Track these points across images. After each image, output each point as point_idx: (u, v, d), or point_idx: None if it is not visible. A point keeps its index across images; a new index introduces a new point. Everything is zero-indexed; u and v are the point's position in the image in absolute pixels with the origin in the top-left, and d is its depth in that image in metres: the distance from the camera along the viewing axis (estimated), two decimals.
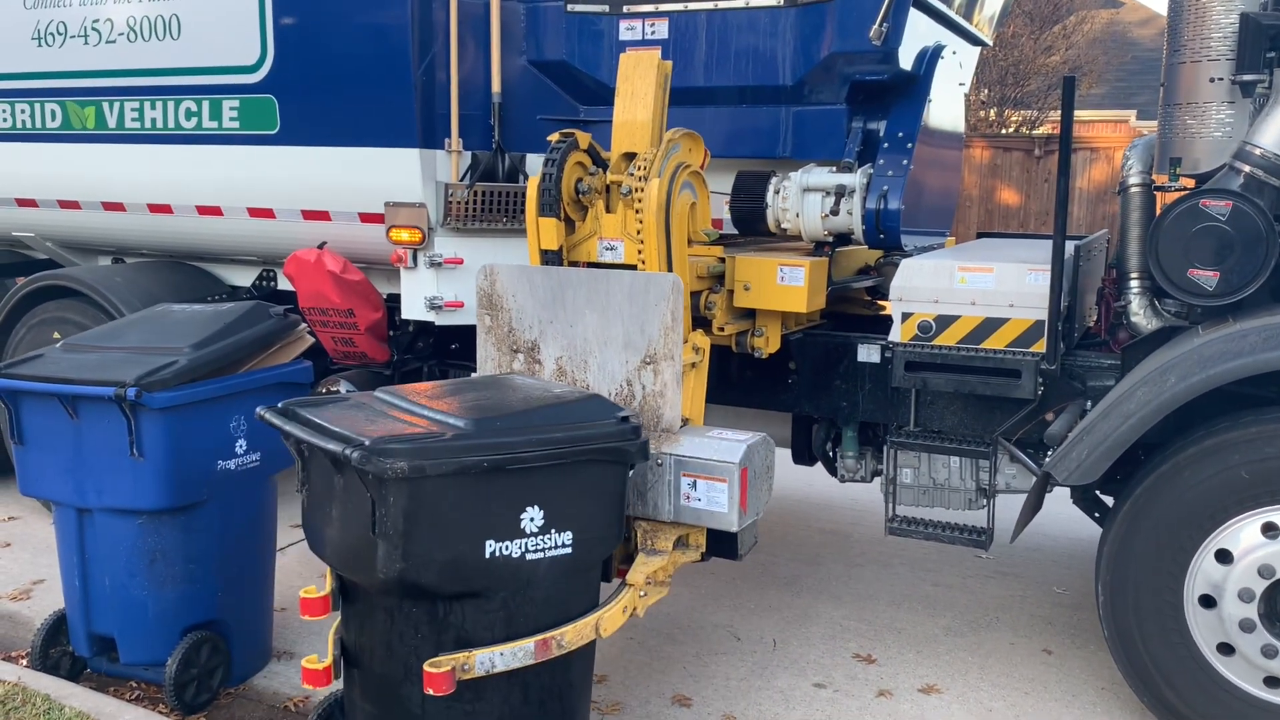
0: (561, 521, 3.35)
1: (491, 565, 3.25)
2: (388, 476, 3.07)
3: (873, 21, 4.73)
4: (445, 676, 3.18)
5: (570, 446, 3.35)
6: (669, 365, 3.98)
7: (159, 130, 5.98)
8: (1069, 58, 14.22)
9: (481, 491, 3.21)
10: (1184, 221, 3.93)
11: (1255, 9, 3.91)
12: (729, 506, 3.83)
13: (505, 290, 4.26)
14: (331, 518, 3.41)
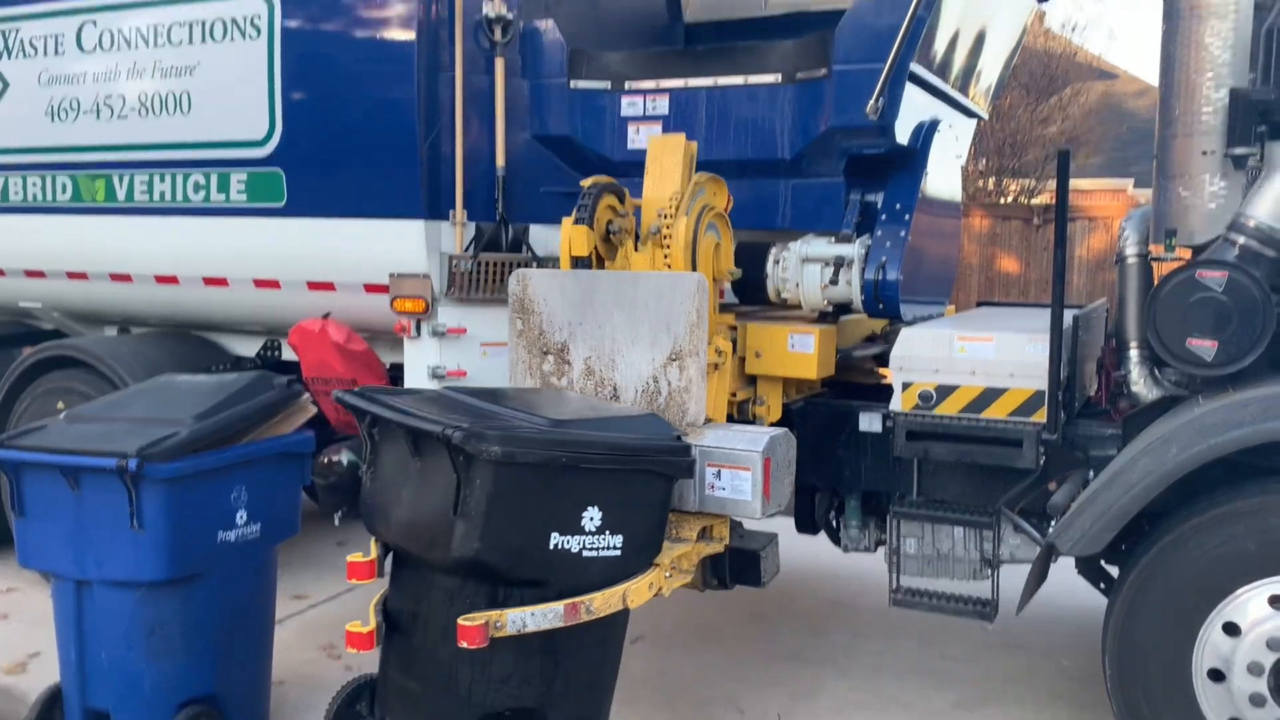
0: (615, 525, 3.58)
1: (553, 557, 3.48)
2: (482, 458, 3.31)
3: (869, 97, 4.82)
4: (479, 630, 3.34)
5: (633, 455, 3.63)
6: (694, 361, 4.14)
7: (167, 203, 6.07)
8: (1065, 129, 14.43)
9: (555, 485, 3.47)
10: (1181, 292, 3.96)
11: (1243, 84, 3.98)
12: (753, 494, 3.97)
13: (537, 294, 4.46)
14: (401, 499, 3.63)
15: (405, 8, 5.39)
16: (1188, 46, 4.06)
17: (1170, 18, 4.15)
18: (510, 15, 5.45)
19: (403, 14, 5.40)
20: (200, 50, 5.86)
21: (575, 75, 5.52)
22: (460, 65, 5.41)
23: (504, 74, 5.49)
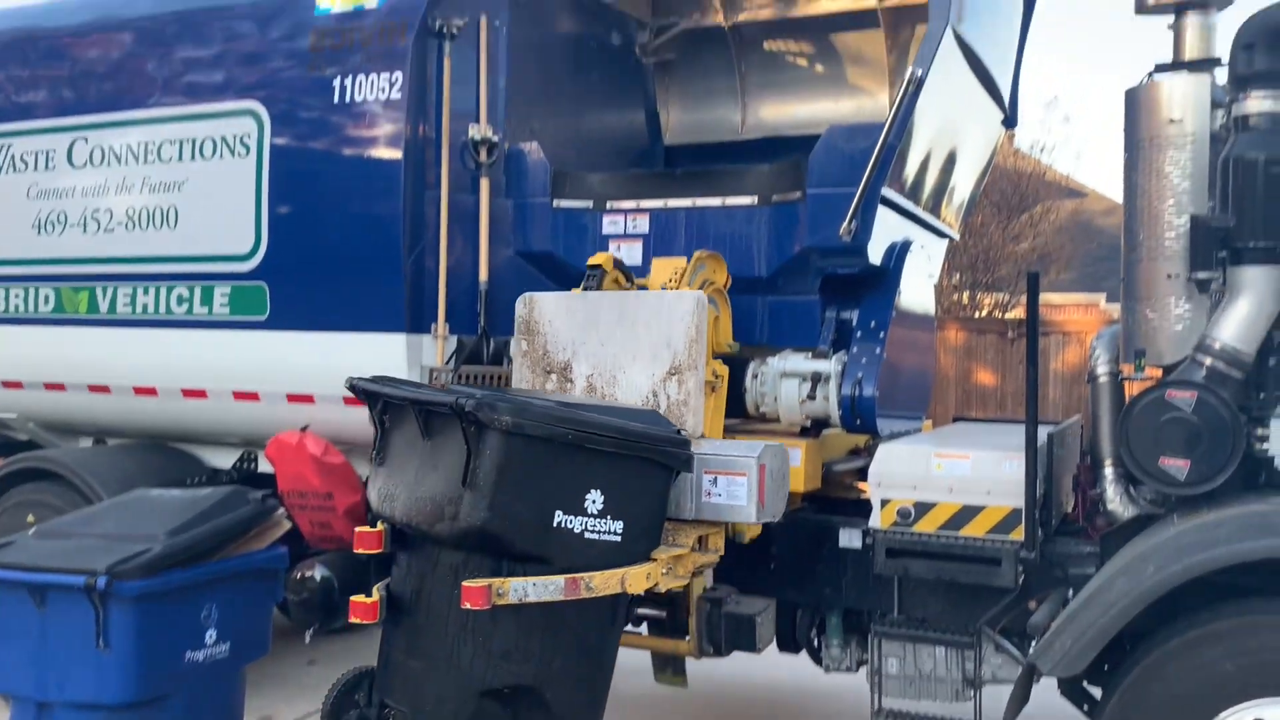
0: (616, 510, 3.70)
1: (556, 535, 3.59)
2: (493, 427, 3.45)
3: (843, 220, 4.95)
4: (482, 591, 3.41)
5: (636, 440, 3.76)
6: (692, 375, 4.27)
7: (150, 315, 6.10)
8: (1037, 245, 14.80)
9: (560, 462, 3.60)
10: (1152, 412, 4.02)
11: (1203, 211, 4.12)
12: (748, 499, 4.08)
13: (542, 316, 4.63)
14: (410, 479, 3.74)
15: (393, 128, 5.53)
16: (1149, 175, 4.22)
17: (1131, 148, 4.32)
18: (495, 138, 5.60)
19: (390, 133, 5.54)
20: (189, 167, 5.99)
21: (558, 195, 5.65)
22: (446, 184, 5.54)
23: (488, 193, 5.61)
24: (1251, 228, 4.00)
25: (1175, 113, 4.18)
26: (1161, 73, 4.36)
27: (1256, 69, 4.06)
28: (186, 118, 6.01)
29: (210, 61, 6.03)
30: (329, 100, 5.66)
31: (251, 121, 5.82)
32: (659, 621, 4.85)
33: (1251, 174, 4.01)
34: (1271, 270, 4.02)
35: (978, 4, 5.46)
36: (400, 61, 5.48)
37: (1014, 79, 6.60)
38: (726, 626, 4.47)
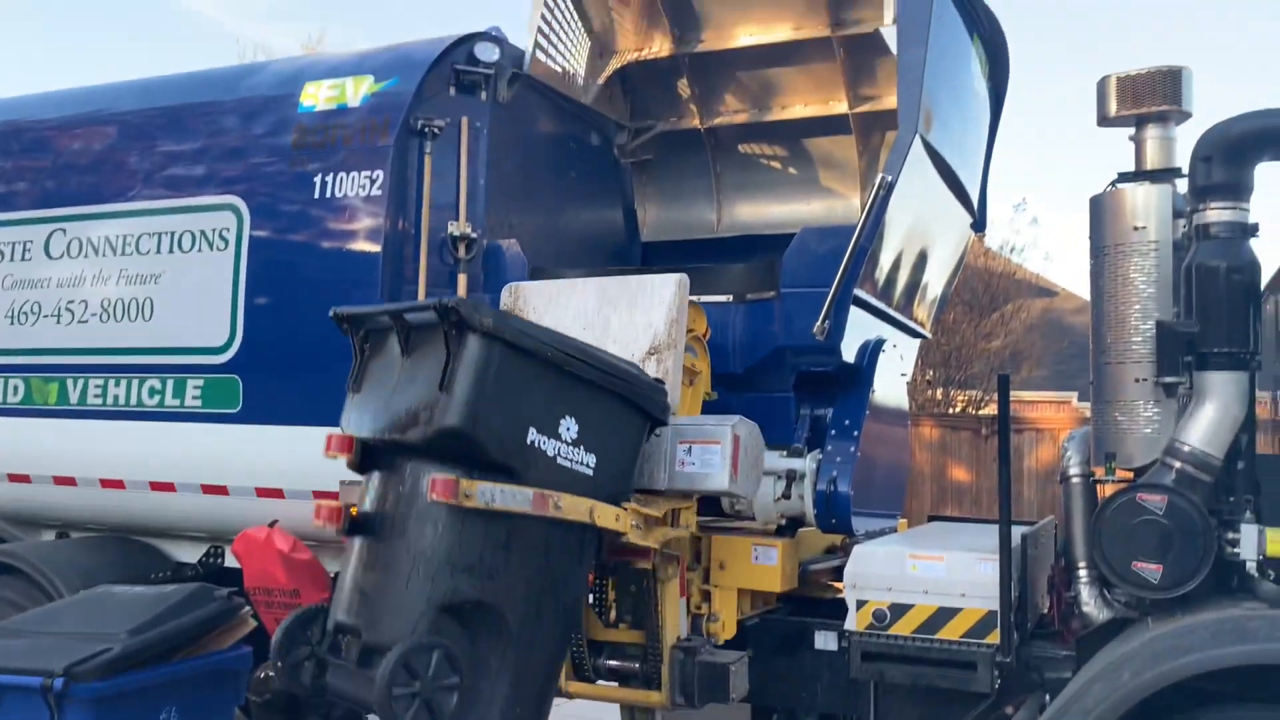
0: (590, 443, 3.78)
1: (528, 451, 3.64)
2: (475, 327, 3.52)
3: (816, 318, 5.01)
4: (450, 484, 3.43)
5: (615, 376, 3.86)
6: (671, 354, 4.31)
7: (120, 407, 6.05)
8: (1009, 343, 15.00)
9: (539, 379, 3.67)
10: (1123, 515, 4.03)
11: (1169, 316, 4.20)
12: (721, 466, 4.16)
13: (527, 304, 4.71)
14: (387, 394, 3.77)
15: (373, 223, 5.59)
16: (1115, 280, 4.30)
17: (1097, 253, 4.41)
18: (474, 234, 5.66)
19: (370, 228, 5.60)
20: (167, 259, 6.00)
21: None
22: (423, 279, 5.57)
23: (465, 288, 5.65)
24: (1215, 334, 4.08)
25: (1139, 220, 4.29)
26: (1124, 181, 4.49)
27: (1214, 180, 4.18)
28: (166, 211, 6.05)
29: (192, 156, 6.10)
30: (310, 195, 5.73)
31: (231, 216, 5.87)
32: (630, 673, 4.75)
33: (1213, 281, 4.10)
34: (1236, 375, 4.08)
35: (945, 112, 5.63)
36: (382, 159, 5.57)
37: (982, 184, 6.76)
38: (700, 676, 4.41)
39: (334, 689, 3.83)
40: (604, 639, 4.78)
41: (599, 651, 4.77)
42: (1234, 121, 4.23)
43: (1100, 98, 4.55)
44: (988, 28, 6.24)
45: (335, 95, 5.82)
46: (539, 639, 3.86)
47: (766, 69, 6.83)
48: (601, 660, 4.77)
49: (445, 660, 3.50)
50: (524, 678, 3.81)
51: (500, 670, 3.72)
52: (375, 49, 6.24)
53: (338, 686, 3.82)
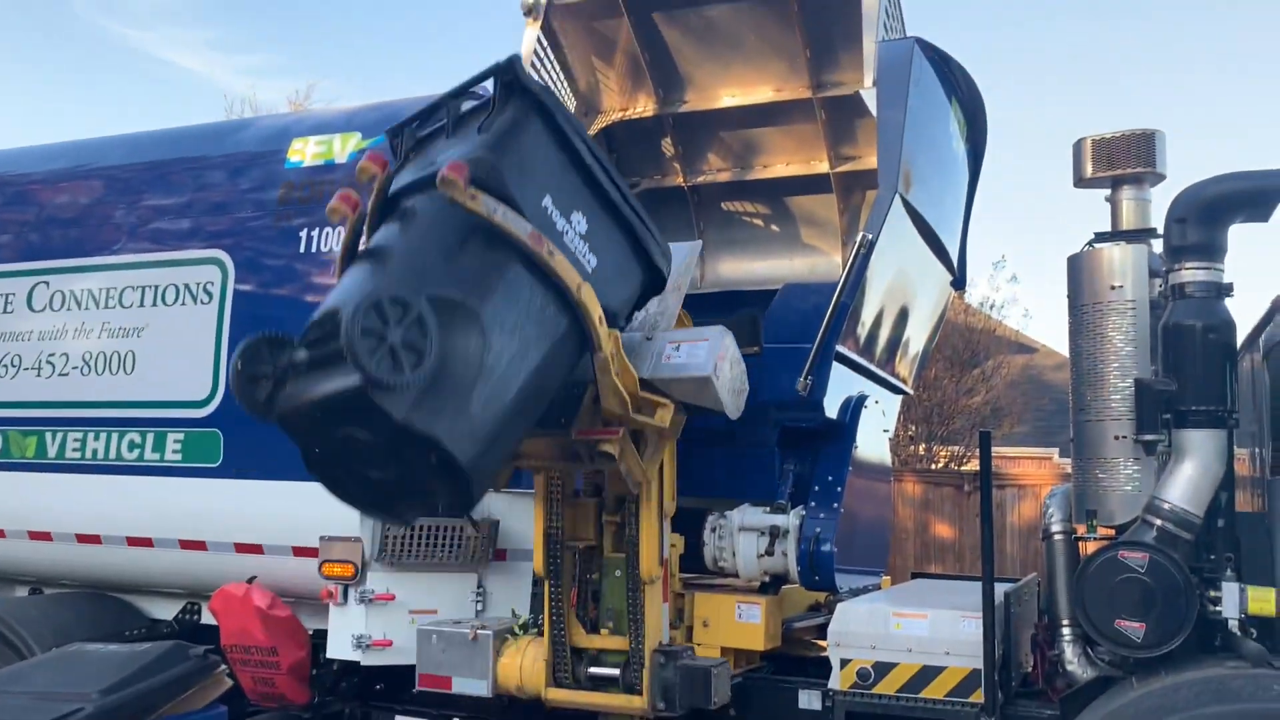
0: (594, 245, 3.98)
1: (542, 213, 3.83)
2: (529, 87, 3.78)
3: (799, 373, 5.04)
4: (461, 169, 3.56)
5: (632, 207, 4.10)
6: (675, 296, 4.64)
7: (99, 460, 5.99)
8: (990, 399, 15.09)
9: (567, 167, 3.90)
10: (1106, 572, 4.04)
11: (1147, 374, 4.24)
12: (706, 358, 4.31)
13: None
14: (427, 161, 3.89)
15: None
16: (1093, 338, 4.36)
17: (1075, 312, 4.47)
18: None
19: None
20: (150, 312, 5.99)
21: None
22: None
23: None
24: (1193, 392, 4.12)
25: (1116, 280, 4.35)
26: (1101, 241, 4.57)
27: (1189, 241, 4.26)
28: (151, 264, 6.05)
29: (178, 210, 6.13)
30: (295, 250, 5.75)
31: (216, 269, 5.88)
32: (611, 680, 4.71)
33: (1190, 340, 4.16)
34: (1214, 433, 4.12)
35: (925, 173, 5.72)
36: None
37: (962, 243, 6.85)
38: (681, 680, 4.39)
39: (290, 395, 3.70)
40: (585, 646, 4.76)
41: (580, 658, 4.76)
42: (1207, 184, 4.32)
43: (1076, 160, 4.65)
44: (965, 91, 6.36)
45: (322, 151, 5.87)
46: (507, 381, 3.74)
47: (749, 129, 6.93)
48: (582, 668, 4.75)
49: (418, 322, 3.41)
50: (487, 404, 3.68)
51: (463, 384, 3.60)
52: (363, 106, 6.31)
53: (294, 392, 3.68)
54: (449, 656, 4.90)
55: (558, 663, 4.73)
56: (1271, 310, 4.40)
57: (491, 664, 4.82)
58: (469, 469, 3.61)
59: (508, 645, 4.89)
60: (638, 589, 4.61)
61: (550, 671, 4.72)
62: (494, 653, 4.84)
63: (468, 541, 5.52)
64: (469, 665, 4.86)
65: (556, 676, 4.73)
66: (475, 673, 4.84)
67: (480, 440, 3.68)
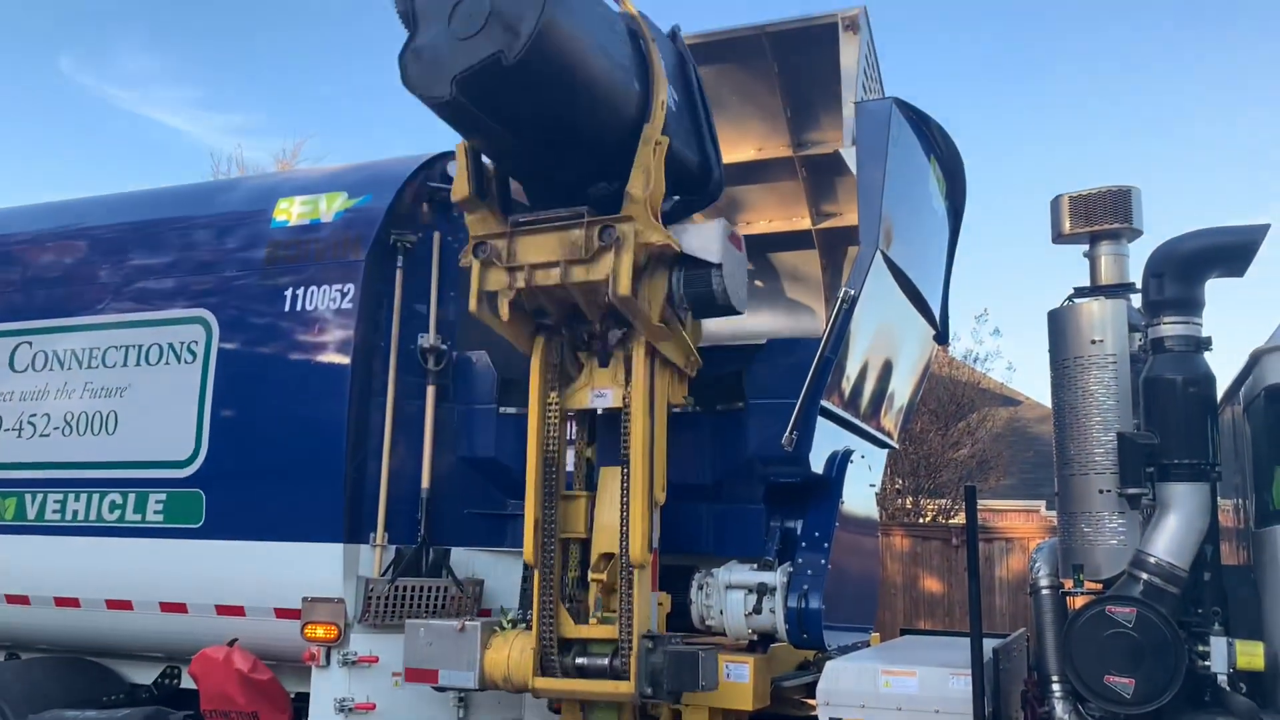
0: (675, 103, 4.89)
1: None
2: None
3: (784, 428, 5.04)
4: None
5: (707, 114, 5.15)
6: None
7: (79, 522, 5.92)
8: (976, 452, 15.09)
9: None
10: (1094, 627, 4.02)
11: (1129, 428, 4.27)
12: (716, 237, 4.80)
13: None
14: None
15: (343, 335, 5.60)
16: (1075, 392, 4.39)
17: (1057, 366, 4.50)
18: (444, 346, 5.70)
19: (340, 341, 5.61)
20: (133, 372, 5.97)
21: (504, 401, 5.70)
22: (392, 391, 5.58)
23: (434, 399, 5.65)
24: (1175, 445, 4.15)
25: (1096, 334, 4.40)
26: (1081, 296, 4.62)
27: (1167, 296, 4.31)
28: (135, 324, 6.04)
29: (163, 270, 6.13)
30: (280, 308, 5.75)
31: (200, 329, 5.87)
32: (598, 669, 4.72)
33: (1171, 394, 4.19)
34: (1197, 486, 4.14)
35: (905, 229, 5.79)
36: (354, 273, 5.62)
37: (943, 298, 6.91)
38: (669, 665, 4.43)
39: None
40: (574, 636, 4.78)
41: (568, 649, 4.77)
42: (1183, 239, 4.38)
43: (1054, 216, 4.72)
44: (944, 149, 6.46)
45: (309, 211, 5.90)
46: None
47: (732, 186, 6.99)
48: (570, 658, 4.76)
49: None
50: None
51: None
52: (349, 166, 6.37)
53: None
54: (436, 649, 4.92)
55: (545, 652, 4.75)
56: (1250, 362, 4.44)
57: (479, 656, 4.84)
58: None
59: (495, 637, 4.92)
60: (627, 575, 4.66)
61: (538, 661, 4.73)
62: (481, 645, 4.86)
63: (452, 601, 5.48)
64: (456, 657, 4.88)
65: (544, 666, 4.74)
66: (462, 665, 4.87)
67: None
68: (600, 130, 4.62)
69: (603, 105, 4.54)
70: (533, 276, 4.73)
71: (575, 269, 4.65)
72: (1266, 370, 4.17)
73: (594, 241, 4.60)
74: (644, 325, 4.74)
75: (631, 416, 4.78)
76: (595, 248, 4.59)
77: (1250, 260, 4.36)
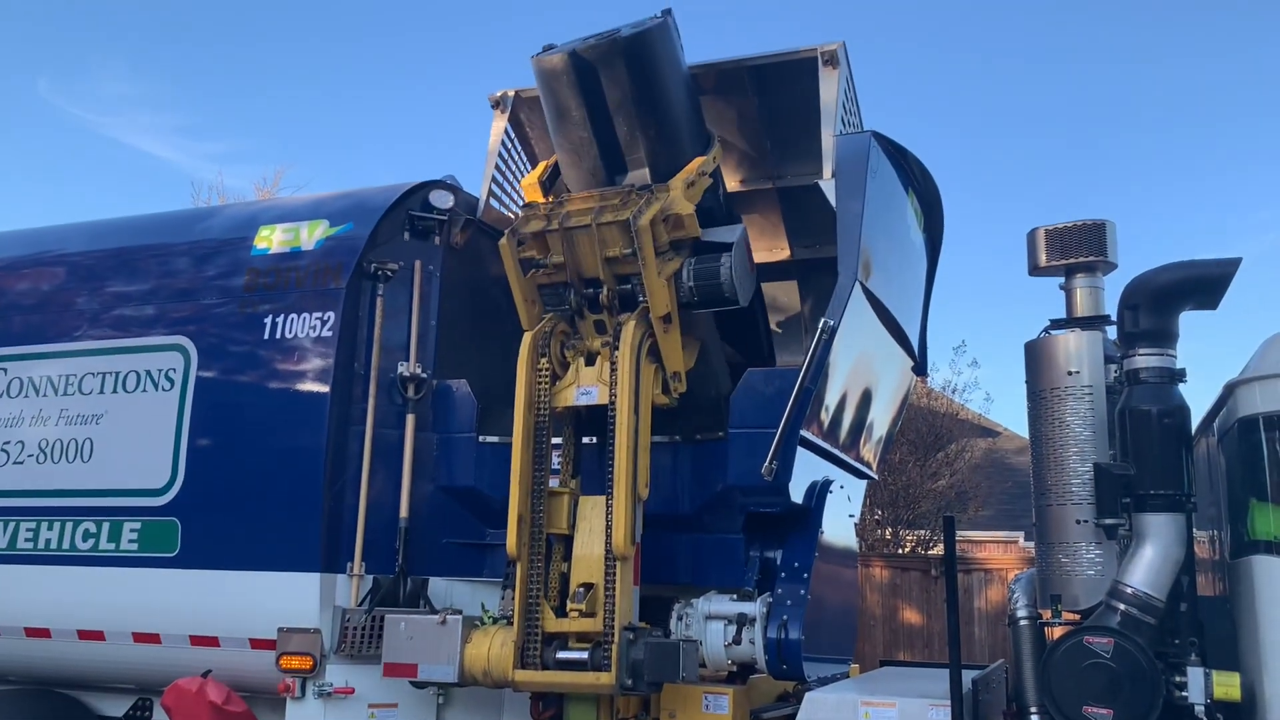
0: None
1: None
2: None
3: (764, 458, 5.05)
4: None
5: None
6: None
7: (51, 551, 5.85)
8: (954, 483, 15.13)
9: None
10: (1072, 657, 4.04)
11: (1105, 459, 4.30)
12: (736, 230, 5.23)
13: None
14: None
15: (322, 363, 5.59)
16: (1052, 424, 4.42)
17: (1034, 397, 4.54)
18: (424, 374, 5.69)
19: (319, 369, 5.59)
20: (110, 399, 5.93)
21: (484, 430, 5.69)
22: (371, 419, 5.56)
23: (414, 428, 5.63)
24: (1151, 476, 4.19)
25: (1072, 365, 4.44)
26: (1057, 328, 4.67)
27: (1141, 328, 4.37)
28: (112, 351, 6.01)
29: (142, 297, 6.11)
30: (260, 336, 5.74)
31: (179, 356, 5.84)
32: (579, 662, 4.74)
33: (1146, 425, 4.23)
34: (1173, 517, 4.17)
35: (884, 261, 5.84)
36: (334, 301, 5.62)
37: (922, 330, 6.96)
38: (649, 656, 4.48)
39: None
40: (555, 629, 4.80)
41: (549, 643, 4.79)
42: (1158, 272, 4.44)
43: (1031, 249, 4.77)
44: (921, 182, 6.54)
45: (289, 239, 5.90)
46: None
47: None
48: (551, 652, 4.78)
49: None
50: None
51: None
52: (330, 195, 6.38)
53: None
54: (415, 644, 4.93)
55: (527, 645, 4.77)
56: (1224, 394, 4.49)
57: (459, 649, 4.85)
58: None
59: (476, 632, 4.93)
60: (610, 568, 4.71)
61: (518, 654, 4.74)
62: (462, 639, 4.87)
63: None
64: (435, 651, 4.89)
65: (525, 659, 4.74)
66: (442, 659, 4.88)
67: None
68: (677, 137, 5.24)
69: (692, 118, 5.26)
70: (567, 219, 5.12)
71: (606, 212, 5.07)
72: (1241, 402, 4.22)
73: (630, 196, 5.10)
74: (650, 277, 4.99)
75: (618, 412, 4.87)
76: (629, 199, 5.09)
77: (1223, 293, 4.42)
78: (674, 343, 5.21)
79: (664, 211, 5.04)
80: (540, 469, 5.00)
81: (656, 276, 5.04)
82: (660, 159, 5.29)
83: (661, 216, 5.05)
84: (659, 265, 5.07)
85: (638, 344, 4.96)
